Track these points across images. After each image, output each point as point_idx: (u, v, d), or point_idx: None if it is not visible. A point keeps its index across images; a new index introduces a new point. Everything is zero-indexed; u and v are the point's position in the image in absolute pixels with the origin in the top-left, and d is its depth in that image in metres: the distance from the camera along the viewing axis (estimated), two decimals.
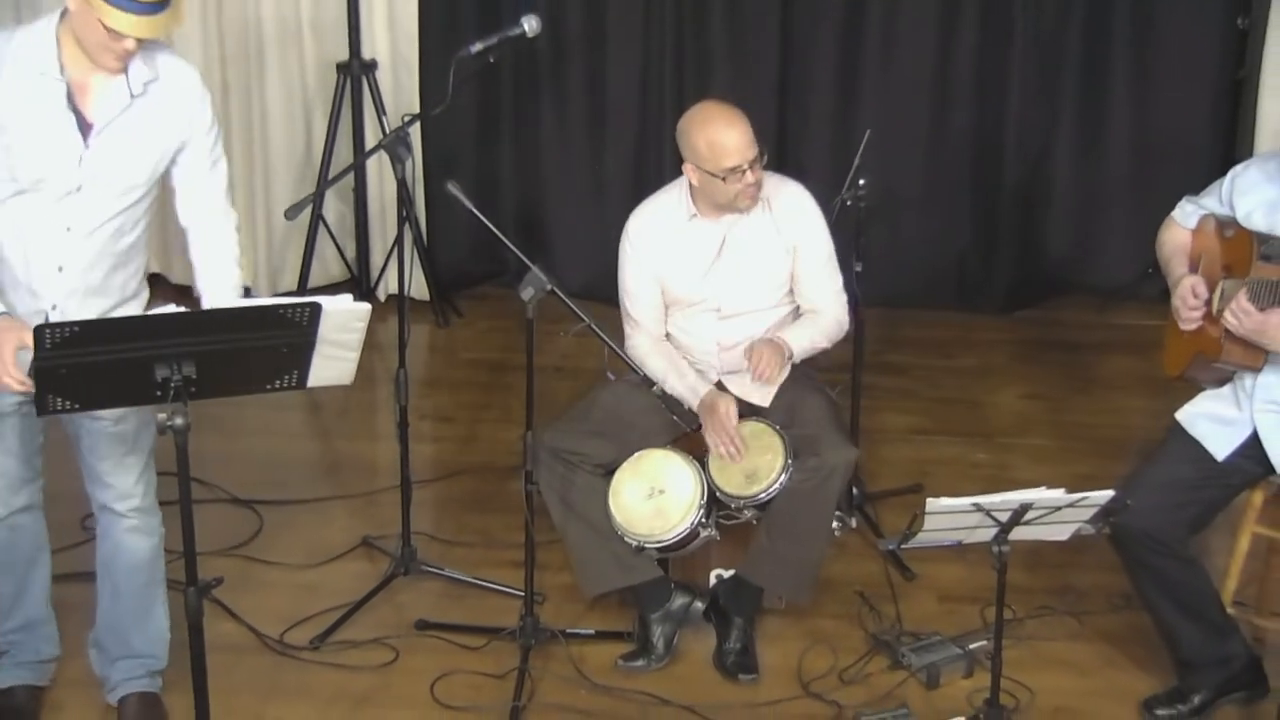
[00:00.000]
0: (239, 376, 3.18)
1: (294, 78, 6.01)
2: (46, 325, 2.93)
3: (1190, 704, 3.75)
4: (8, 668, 3.76)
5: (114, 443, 3.53)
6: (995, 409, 5.39)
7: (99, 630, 3.76)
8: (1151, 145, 5.89)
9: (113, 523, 3.63)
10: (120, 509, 3.60)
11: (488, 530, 4.59)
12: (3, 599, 3.71)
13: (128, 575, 3.67)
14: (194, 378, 3.02)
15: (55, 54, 3.25)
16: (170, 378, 2.99)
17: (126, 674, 3.73)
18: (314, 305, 3.10)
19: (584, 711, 3.78)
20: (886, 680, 3.90)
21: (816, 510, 3.88)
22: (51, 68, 3.25)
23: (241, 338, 3.10)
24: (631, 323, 4.10)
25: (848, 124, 5.81)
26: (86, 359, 2.98)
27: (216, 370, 3.08)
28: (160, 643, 3.75)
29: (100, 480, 3.58)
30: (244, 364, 3.16)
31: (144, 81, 3.31)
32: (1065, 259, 6.13)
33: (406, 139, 4.05)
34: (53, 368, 2.95)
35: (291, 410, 5.43)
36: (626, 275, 4.09)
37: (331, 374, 3.27)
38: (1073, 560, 4.28)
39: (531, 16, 4.15)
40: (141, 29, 3.15)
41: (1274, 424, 3.59)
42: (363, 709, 3.79)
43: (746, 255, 4.00)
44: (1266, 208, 3.57)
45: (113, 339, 3.02)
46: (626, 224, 4.10)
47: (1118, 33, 5.81)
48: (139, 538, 3.65)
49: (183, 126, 3.40)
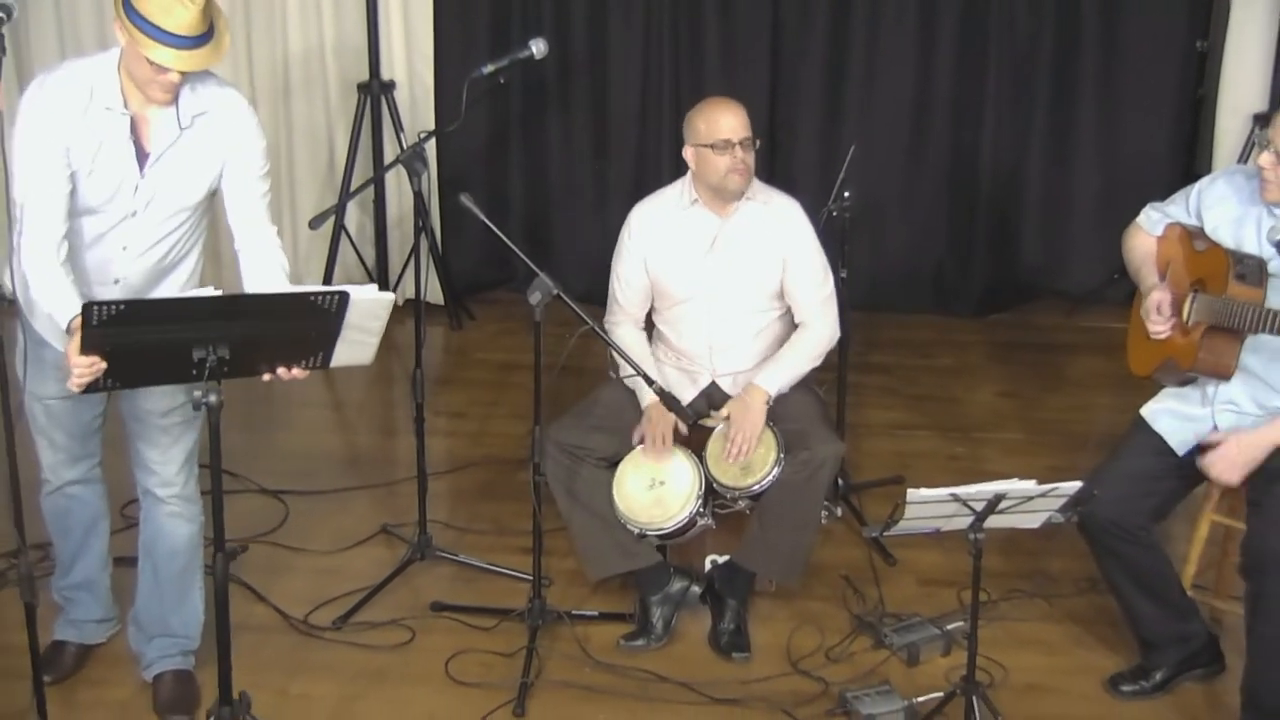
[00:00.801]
0: (268, 357, 3.19)
1: (318, 97, 6.01)
2: (94, 303, 2.95)
3: (1152, 680, 3.76)
4: (63, 623, 3.84)
5: (161, 433, 3.58)
6: (971, 405, 5.39)
7: (138, 609, 3.79)
8: (1116, 160, 5.90)
9: (155, 508, 3.66)
10: (163, 495, 3.63)
11: (498, 518, 4.59)
12: (62, 559, 3.80)
13: (168, 559, 3.70)
14: (228, 358, 3.03)
15: (119, 89, 3.28)
16: (206, 358, 3.01)
17: (162, 652, 3.75)
18: (343, 294, 3.11)
19: (588, 688, 3.78)
20: (870, 658, 3.90)
21: (806, 500, 3.88)
22: (116, 103, 3.28)
23: (274, 323, 3.12)
24: (616, 306, 4.10)
25: (833, 140, 5.81)
26: (129, 338, 3.00)
27: (249, 352, 3.10)
28: (195, 624, 3.77)
29: (146, 467, 3.62)
30: (274, 346, 3.17)
31: (192, 115, 3.33)
32: (1036, 266, 6.14)
33: (422, 154, 4.06)
34: (98, 345, 2.97)
35: (316, 407, 5.43)
36: (620, 260, 4.09)
37: (354, 356, 3.29)
38: (1043, 547, 4.27)
39: (539, 40, 4.15)
40: (183, 63, 3.16)
41: (1233, 422, 3.58)
42: (381, 685, 3.79)
43: (738, 252, 3.98)
44: (1233, 223, 3.55)
45: (155, 319, 3.06)
46: (630, 214, 4.11)
47: (1085, 54, 5.82)
48: (179, 523, 3.67)
49: (230, 150, 3.41)
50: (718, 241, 3.98)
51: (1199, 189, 3.66)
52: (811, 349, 4.04)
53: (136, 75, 3.24)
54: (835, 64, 5.90)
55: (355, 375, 5.70)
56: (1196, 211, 3.65)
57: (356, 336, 3.22)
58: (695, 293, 4.02)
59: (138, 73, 3.22)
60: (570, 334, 3.77)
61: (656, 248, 4.03)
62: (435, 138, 5.15)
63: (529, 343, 3.76)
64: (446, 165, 6.03)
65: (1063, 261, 6.08)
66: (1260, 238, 3.49)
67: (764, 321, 4.06)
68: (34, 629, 3.31)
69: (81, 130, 3.25)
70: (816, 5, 5.83)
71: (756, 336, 4.06)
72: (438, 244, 6.02)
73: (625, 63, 5.99)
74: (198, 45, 3.16)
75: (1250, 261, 3.44)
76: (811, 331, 4.04)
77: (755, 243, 3.99)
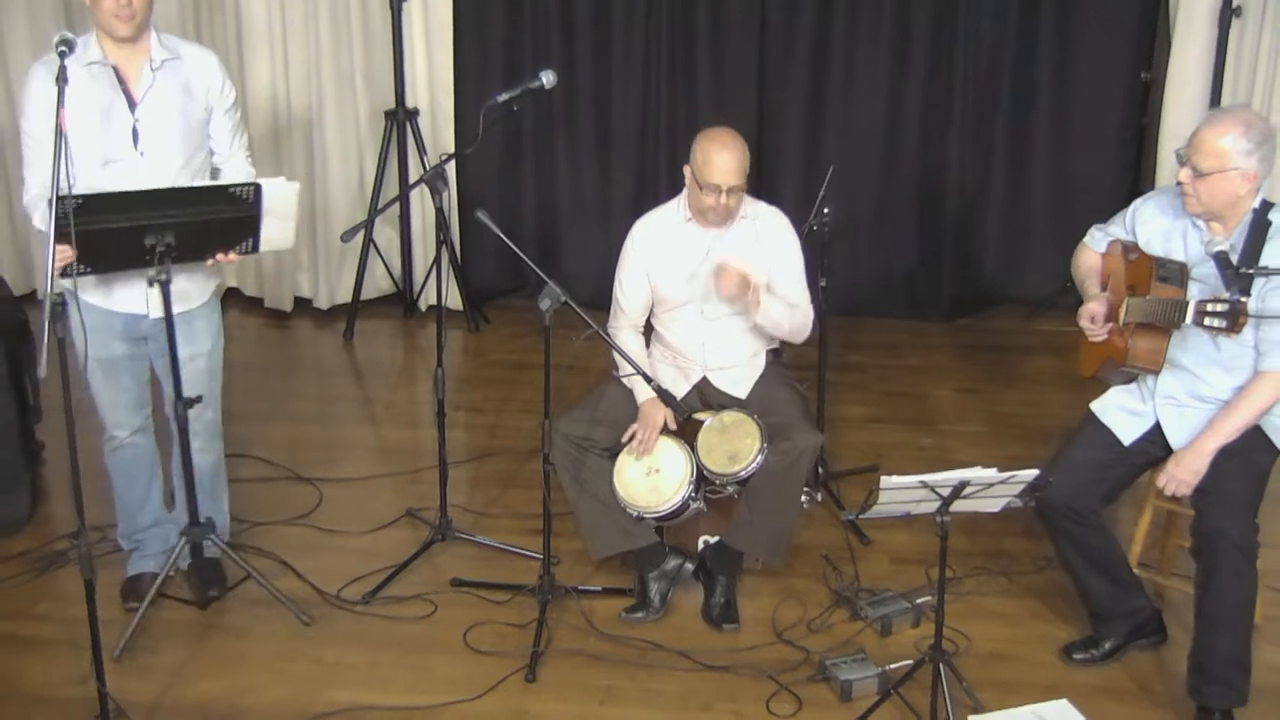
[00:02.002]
0: (207, 243, 3.56)
1: (349, 123, 6.01)
2: (61, 196, 3.21)
3: (1102, 649, 3.75)
4: (137, 558, 4.04)
5: (203, 376, 3.83)
6: (938, 401, 5.38)
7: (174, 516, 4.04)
8: (1068, 181, 5.89)
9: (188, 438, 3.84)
10: (195, 428, 3.83)
11: (511, 503, 4.58)
12: (129, 507, 4.00)
13: (199, 479, 3.91)
14: (174, 244, 3.42)
15: (99, 48, 3.54)
16: (156, 244, 3.40)
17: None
18: (256, 185, 3.54)
19: (592, 656, 3.77)
20: (847, 629, 3.90)
21: (788, 486, 3.88)
22: (98, 55, 3.53)
23: (205, 210, 3.48)
24: (618, 310, 4.09)
25: (813, 162, 5.80)
26: (92, 225, 3.32)
27: (190, 238, 3.46)
28: (225, 526, 4.12)
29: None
30: (210, 233, 3.52)
31: (162, 59, 3.60)
32: (996, 276, 6.13)
33: (443, 174, 4.05)
34: (67, 235, 3.25)
35: (347, 403, 5.42)
36: (623, 269, 4.08)
37: (277, 238, 3.68)
38: (1004, 528, 4.27)
39: (548, 71, 4.14)
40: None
41: (1172, 415, 3.59)
42: (407, 653, 3.78)
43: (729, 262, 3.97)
44: (1162, 236, 3.57)
45: (108, 209, 3.36)
46: (633, 226, 4.10)
47: (1040, 85, 5.82)
48: (204, 457, 3.93)
49: (204, 95, 3.68)
50: (711, 253, 3.97)
51: (1134, 208, 3.69)
52: (794, 320, 4.00)
53: (102, 19, 3.50)
54: (815, 93, 5.89)
55: (383, 374, 5.71)
56: (1131, 228, 3.67)
57: (276, 222, 3.62)
58: (691, 299, 4.01)
59: (101, 15, 3.49)
60: (576, 337, 3.77)
61: (656, 259, 4.02)
62: (455, 159, 5.16)
63: (539, 344, 3.77)
64: (465, 184, 6.02)
65: (1020, 272, 6.07)
66: (1186, 249, 3.51)
67: (750, 322, 4.05)
68: (93, 603, 3.31)
69: (77, 93, 3.41)
70: (798, 40, 5.83)
71: (744, 335, 4.05)
72: (457, 255, 6.01)
73: (626, 92, 5.98)
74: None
75: (1172, 266, 3.48)
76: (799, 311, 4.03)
77: (745, 252, 3.97)
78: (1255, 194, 3.41)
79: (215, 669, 3.71)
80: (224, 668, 3.71)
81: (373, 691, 3.62)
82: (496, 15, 5.91)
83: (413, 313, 6.16)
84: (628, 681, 3.68)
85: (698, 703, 3.60)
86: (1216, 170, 3.35)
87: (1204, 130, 3.39)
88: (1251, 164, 3.34)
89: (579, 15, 5.89)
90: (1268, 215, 3.40)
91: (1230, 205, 3.41)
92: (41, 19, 5.90)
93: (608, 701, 3.61)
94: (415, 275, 6.15)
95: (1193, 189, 3.40)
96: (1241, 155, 3.34)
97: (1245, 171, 3.35)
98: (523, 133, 6.08)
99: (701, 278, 3.96)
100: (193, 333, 3.77)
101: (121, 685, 3.54)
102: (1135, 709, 3.58)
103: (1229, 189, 3.37)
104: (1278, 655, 3.75)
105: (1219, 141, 3.35)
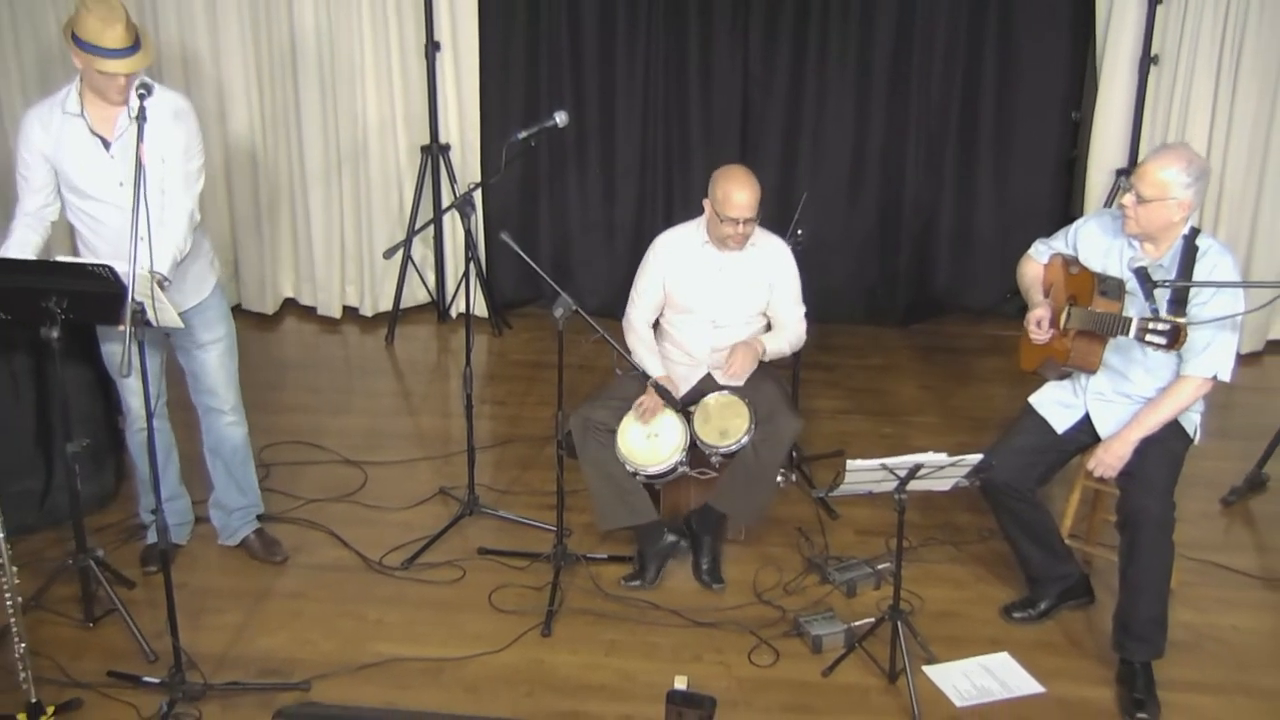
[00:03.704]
0: (94, 312, 3.31)
1: (390, 157, 5.99)
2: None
3: (1038, 609, 3.74)
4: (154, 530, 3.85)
5: (208, 360, 3.77)
6: (897, 395, 5.36)
7: (217, 495, 4.01)
8: (1009, 205, 5.87)
9: (215, 420, 3.87)
10: (221, 409, 3.84)
11: (530, 483, 4.56)
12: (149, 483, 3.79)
13: (231, 455, 3.93)
14: (65, 307, 3.21)
15: (78, 101, 3.46)
16: (50, 306, 3.21)
17: (243, 520, 4.03)
18: (109, 266, 3.18)
19: (600, 614, 3.76)
20: (818, 591, 3.89)
21: (769, 460, 3.87)
22: (75, 108, 3.46)
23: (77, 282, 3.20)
24: (634, 306, 4.08)
25: (789, 190, 5.77)
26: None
27: (79, 304, 3.23)
28: (257, 494, 4.06)
29: (206, 391, 3.82)
30: (88, 302, 3.24)
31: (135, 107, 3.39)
32: (947, 287, 6.10)
33: (471, 201, 4.04)
34: None
35: (388, 396, 5.41)
36: (643, 274, 4.07)
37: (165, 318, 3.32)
38: (953, 504, 4.26)
39: (561, 112, 4.12)
40: (125, 67, 3.34)
41: (1101, 408, 3.59)
42: (440, 612, 3.78)
43: (736, 281, 3.99)
44: (1101, 254, 3.55)
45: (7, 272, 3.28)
46: (656, 238, 4.09)
47: (984, 122, 5.80)
48: (235, 430, 3.90)
49: (164, 139, 3.48)
50: (723, 272, 3.98)
51: (1076, 227, 3.67)
52: (792, 339, 4.05)
53: (95, 85, 3.40)
54: (790, 131, 5.87)
55: (420, 371, 5.70)
56: (1073, 244, 3.64)
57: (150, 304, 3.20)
58: (701, 308, 4.01)
59: (95, 83, 3.39)
60: (585, 340, 3.76)
61: (674, 270, 4.02)
62: (481, 188, 5.15)
63: (554, 346, 3.74)
64: (490, 209, 5.99)
65: (967, 284, 6.05)
66: (1122, 265, 3.49)
67: (751, 329, 4.06)
68: (168, 568, 3.30)
69: (55, 138, 3.46)
70: (775, 85, 5.81)
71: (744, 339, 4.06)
72: (483, 270, 5.99)
73: (627, 131, 5.96)
74: (131, 53, 3.34)
75: (1111, 282, 3.46)
76: (790, 330, 4.06)
77: (751, 275, 3.99)
78: (1186, 221, 3.40)
79: (274, 626, 3.70)
80: (281, 625, 3.70)
81: (410, 645, 3.62)
82: (516, 65, 5.90)
83: (445, 319, 6.15)
84: (629, 636, 3.67)
85: (689, 654, 3.59)
86: (1157, 198, 3.34)
87: (1150, 163, 3.37)
88: (1188, 195, 3.33)
89: (586, 65, 5.88)
90: (1196, 240, 3.39)
91: (1164, 229, 3.39)
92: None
93: (612, 653, 3.60)
94: (447, 287, 6.14)
95: (1134, 213, 3.38)
96: (1180, 187, 3.32)
97: (1181, 201, 3.34)
98: (539, 165, 6.06)
99: (713, 291, 3.98)
100: (208, 321, 3.74)
101: (194, 639, 3.54)
102: (1067, 661, 3.58)
103: (1166, 215, 3.36)
104: (1191, 615, 3.74)
105: (1162, 173, 3.33)
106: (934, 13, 5.63)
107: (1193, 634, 3.66)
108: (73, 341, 3.95)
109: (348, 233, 6.07)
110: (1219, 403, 4.54)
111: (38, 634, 3.56)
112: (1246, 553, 4.12)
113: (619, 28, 5.79)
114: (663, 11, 5.74)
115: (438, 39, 5.73)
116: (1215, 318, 3.34)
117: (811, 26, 5.69)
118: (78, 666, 3.47)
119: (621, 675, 3.50)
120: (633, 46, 5.82)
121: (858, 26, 5.67)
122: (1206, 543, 4.12)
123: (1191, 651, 3.60)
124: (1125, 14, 5.34)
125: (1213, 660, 3.58)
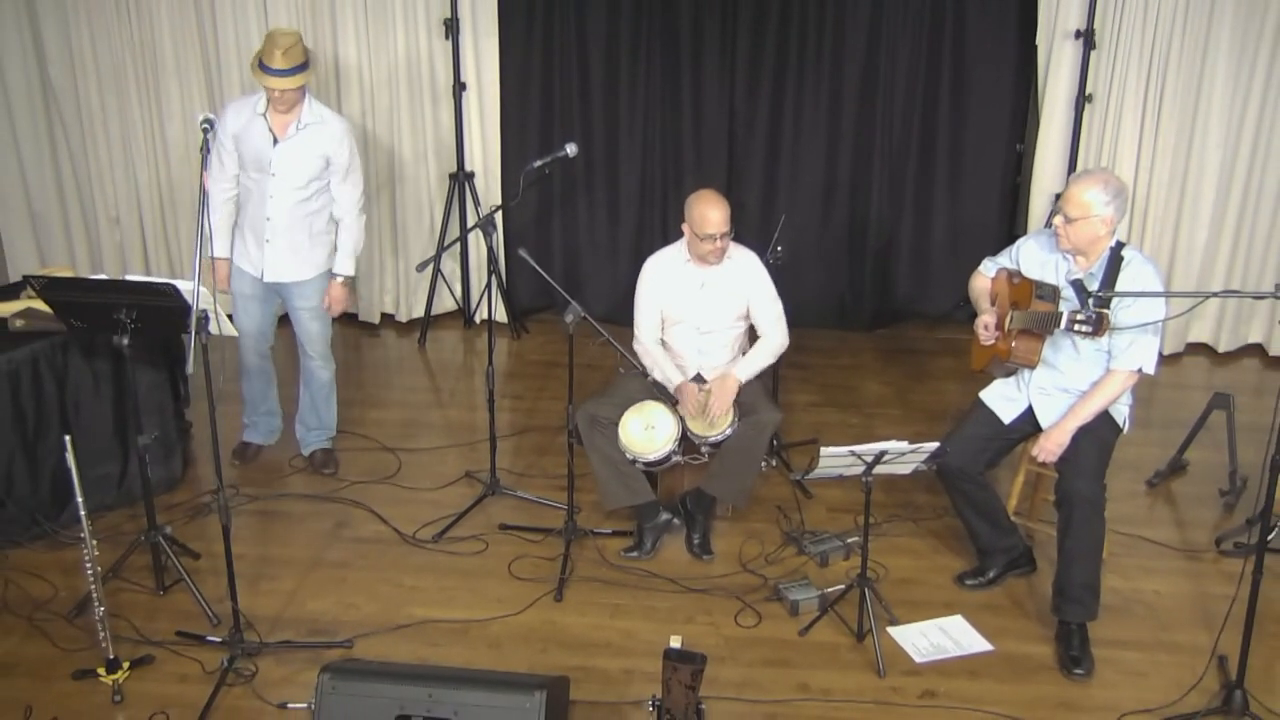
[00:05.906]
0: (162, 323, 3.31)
1: (423, 183, 5.97)
2: (29, 276, 3.49)
3: (987, 577, 3.74)
4: (249, 432, 4.49)
5: (307, 318, 4.23)
6: (863, 391, 5.35)
7: (301, 414, 4.46)
8: (961, 225, 5.86)
9: (309, 362, 4.34)
10: (312, 354, 4.31)
11: (545, 467, 4.55)
12: (254, 399, 4.43)
13: (317, 389, 4.40)
14: (135, 318, 3.28)
15: (265, 104, 3.99)
16: (122, 319, 3.29)
17: (318, 437, 4.47)
18: (170, 284, 3.24)
19: (605, 581, 3.76)
20: (795, 562, 3.88)
21: (753, 448, 3.86)
22: (262, 108, 4.00)
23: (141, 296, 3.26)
24: (640, 328, 4.06)
25: (770, 211, 5.77)
26: (65, 299, 3.39)
27: (147, 316, 3.29)
28: (333, 422, 4.47)
29: (304, 338, 4.28)
30: (158, 314, 3.29)
31: (307, 122, 3.99)
32: (907, 295, 6.09)
33: (493, 221, 4.06)
34: (50, 300, 3.43)
35: (420, 392, 5.40)
36: (640, 298, 4.06)
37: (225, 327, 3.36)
38: (912, 485, 4.25)
39: (571, 144, 4.12)
40: (285, 84, 3.87)
41: (1042, 401, 3.58)
42: (466, 580, 3.77)
43: (717, 292, 3.97)
44: (1039, 266, 3.56)
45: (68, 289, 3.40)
46: (644, 265, 4.07)
47: (939, 153, 5.78)
48: (323, 371, 4.37)
49: (325, 151, 4.02)
50: (704, 286, 3.96)
51: (1018, 245, 3.67)
52: (770, 349, 4.01)
53: (268, 95, 3.93)
54: (770, 162, 5.86)
55: (448, 369, 5.68)
56: (1016, 260, 3.65)
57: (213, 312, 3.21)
58: (689, 318, 3.99)
59: (268, 94, 3.92)
60: (593, 343, 3.75)
61: (663, 289, 4.00)
62: (501, 210, 5.13)
63: (565, 348, 3.74)
64: (509, 229, 5.98)
65: (925, 293, 6.03)
66: (1059, 276, 3.49)
67: (734, 334, 4.04)
68: (229, 542, 3.29)
69: (242, 126, 4.00)
70: (757, 121, 5.79)
71: (727, 346, 4.05)
72: (504, 281, 5.98)
73: (629, 161, 5.94)
74: (291, 74, 3.86)
75: (1047, 287, 3.47)
76: (769, 340, 4.02)
77: (729, 285, 3.97)
78: (1112, 235, 3.40)
79: (321, 591, 3.69)
80: (328, 590, 3.70)
81: (440, 608, 3.61)
82: (532, 103, 5.89)
83: (470, 325, 6.14)
84: (631, 600, 3.66)
85: (683, 616, 3.59)
86: (1081, 217, 3.34)
87: (1073, 186, 3.37)
88: (1109, 212, 3.33)
89: (594, 104, 5.87)
90: (1120, 252, 3.39)
91: (1092, 243, 3.39)
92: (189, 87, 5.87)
93: (616, 615, 3.59)
94: (472, 296, 6.12)
95: (1064, 231, 3.39)
96: (1101, 205, 3.33)
97: (1104, 217, 3.34)
98: (553, 190, 6.05)
99: (698, 303, 3.96)
100: (305, 291, 4.17)
101: (251, 603, 3.54)
102: (1012, 622, 3.57)
103: (1091, 231, 3.35)
104: (1119, 582, 3.74)
105: (1084, 195, 3.33)
106: (896, 58, 5.63)
107: (1121, 598, 3.66)
108: (144, 348, 3.98)
109: (385, 249, 6.07)
110: (1145, 397, 4.54)
111: (115, 599, 3.56)
112: (1168, 527, 4.12)
113: (622, 71, 5.79)
114: (660, 57, 5.74)
115: (464, 80, 5.72)
116: (1139, 324, 3.34)
117: (789, 70, 5.69)
118: (150, 627, 3.47)
119: (624, 634, 3.50)
120: (634, 87, 5.82)
121: (829, 70, 5.66)
122: (1133, 519, 4.11)
123: (1120, 613, 3.59)
124: (1062, 58, 5.34)
125: (1138, 621, 3.57)
